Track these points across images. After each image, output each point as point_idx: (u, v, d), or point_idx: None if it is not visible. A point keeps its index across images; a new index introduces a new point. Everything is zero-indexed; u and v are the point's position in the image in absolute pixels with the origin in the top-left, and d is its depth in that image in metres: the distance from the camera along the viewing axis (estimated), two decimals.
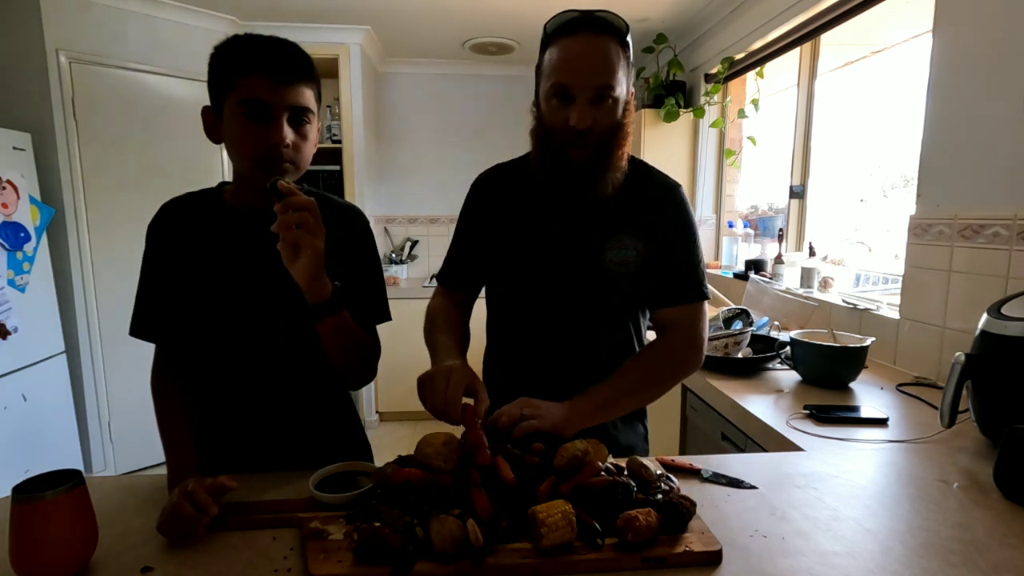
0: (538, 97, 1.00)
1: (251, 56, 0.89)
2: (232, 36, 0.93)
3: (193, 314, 0.99)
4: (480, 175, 1.18)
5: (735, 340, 1.76)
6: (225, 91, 0.90)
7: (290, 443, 1.04)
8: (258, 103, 0.88)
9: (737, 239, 3.22)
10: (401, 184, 4.20)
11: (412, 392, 2.85)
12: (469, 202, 1.16)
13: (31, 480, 0.68)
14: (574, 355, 1.10)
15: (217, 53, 0.92)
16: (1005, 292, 1.37)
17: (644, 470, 0.83)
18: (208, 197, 1.03)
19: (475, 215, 1.15)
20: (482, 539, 0.69)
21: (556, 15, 0.96)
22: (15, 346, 2.32)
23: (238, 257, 0.98)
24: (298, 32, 3.32)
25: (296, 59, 0.91)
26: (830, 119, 2.52)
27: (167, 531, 0.75)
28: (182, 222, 1.00)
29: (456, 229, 1.18)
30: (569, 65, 0.93)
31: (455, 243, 1.18)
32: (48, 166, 2.60)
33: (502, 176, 1.15)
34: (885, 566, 0.72)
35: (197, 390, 1.03)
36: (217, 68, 0.92)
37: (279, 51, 0.90)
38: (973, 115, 1.51)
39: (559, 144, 0.97)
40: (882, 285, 2.22)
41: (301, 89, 0.91)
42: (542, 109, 0.99)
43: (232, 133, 0.91)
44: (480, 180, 1.17)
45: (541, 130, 1.00)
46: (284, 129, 0.89)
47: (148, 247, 1.02)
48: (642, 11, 3.04)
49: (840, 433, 1.19)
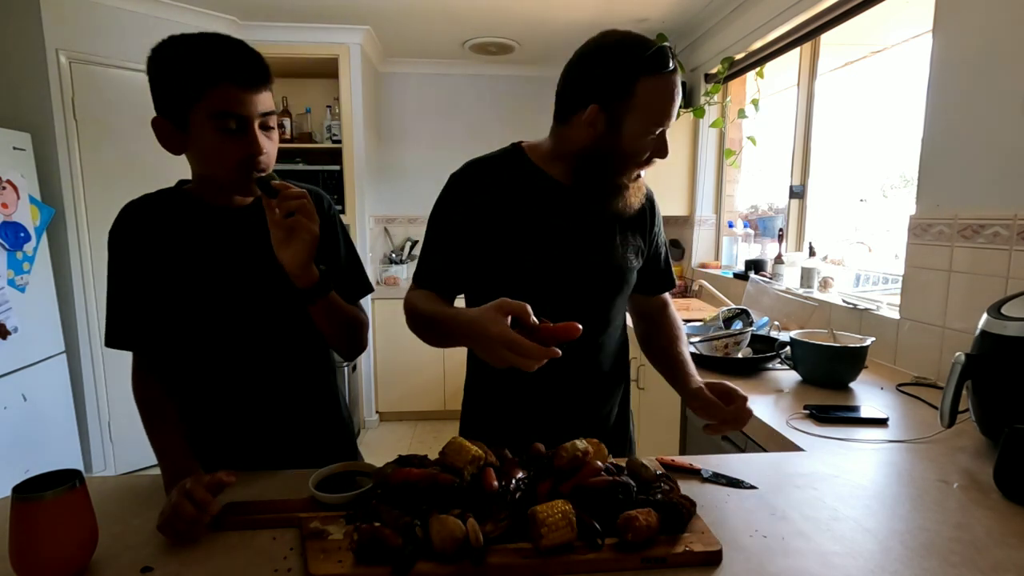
0: (618, 128, 0.97)
1: (216, 64, 0.86)
2: (173, 39, 0.88)
3: (177, 315, 0.98)
4: (463, 170, 1.09)
5: (735, 340, 1.76)
6: (191, 102, 0.86)
7: (277, 439, 1.05)
8: (231, 116, 0.87)
9: (737, 239, 3.23)
10: (401, 184, 4.20)
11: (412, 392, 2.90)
12: (452, 199, 1.07)
13: (31, 480, 0.68)
14: (584, 357, 1.10)
15: (171, 60, 0.87)
16: (1005, 292, 1.37)
17: (644, 470, 0.83)
18: (174, 196, 1.00)
19: (461, 212, 1.05)
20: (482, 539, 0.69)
21: (640, 44, 0.94)
22: (15, 346, 2.32)
23: (220, 254, 0.98)
24: (298, 32, 3.33)
25: (258, 62, 0.89)
26: (830, 119, 2.52)
27: (168, 531, 0.75)
28: (153, 223, 0.97)
29: (437, 228, 1.08)
30: (671, 104, 0.97)
31: (435, 243, 1.07)
32: (48, 166, 2.60)
33: (490, 172, 1.07)
34: (885, 566, 0.72)
35: (182, 390, 1.02)
36: (177, 78, 0.86)
37: (242, 56, 0.88)
38: (973, 115, 1.50)
39: (626, 168, 1.02)
40: (882, 285, 2.22)
41: (266, 93, 0.90)
42: (625, 136, 0.98)
43: (205, 146, 0.89)
44: (464, 176, 1.08)
45: (606, 153, 1.00)
46: (260, 139, 0.89)
47: (116, 254, 0.98)
48: (642, 11, 3.04)
49: (840, 433, 1.19)
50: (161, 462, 0.92)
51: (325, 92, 3.72)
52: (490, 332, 0.76)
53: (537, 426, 1.07)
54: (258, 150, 0.89)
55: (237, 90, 0.86)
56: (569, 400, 1.12)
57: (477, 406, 1.18)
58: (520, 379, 0.94)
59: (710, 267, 3.25)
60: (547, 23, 3.23)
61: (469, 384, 1.20)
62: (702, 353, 1.75)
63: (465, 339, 0.85)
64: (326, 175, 3.51)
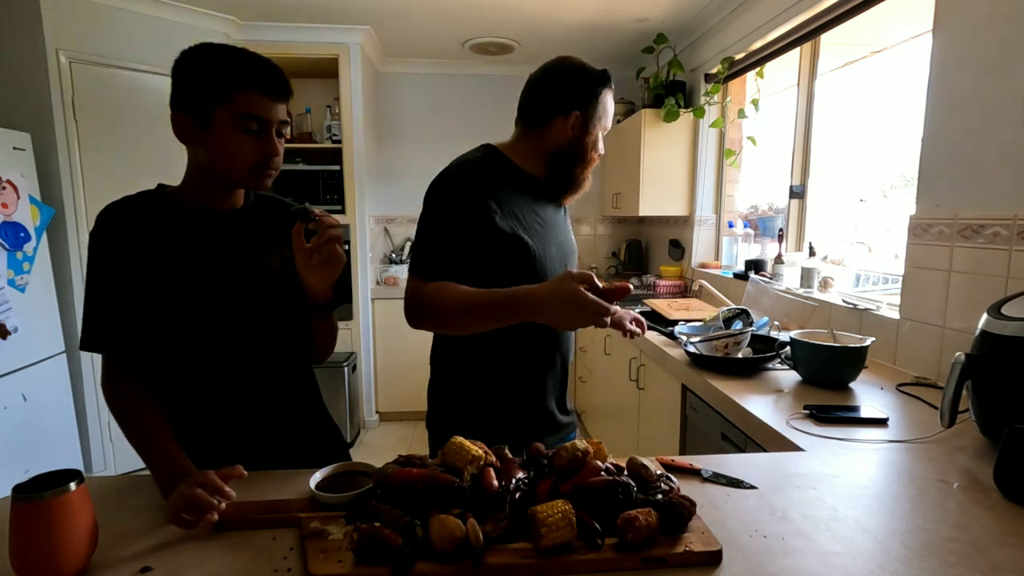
0: (588, 131, 1.20)
1: (248, 71, 0.94)
2: (206, 45, 0.96)
3: (160, 317, 0.98)
4: (457, 168, 1.15)
5: (735, 340, 1.76)
6: (218, 101, 0.93)
7: (262, 440, 1.05)
8: (256, 119, 0.94)
9: (737, 239, 3.23)
10: (401, 184, 4.20)
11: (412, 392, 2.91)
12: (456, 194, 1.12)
13: (31, 480, 0.68)
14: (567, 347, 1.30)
15: (205, 61, 0.94)
16: (1005, 292, 1.37)
17: (644, 470, 0.83)
18: (157, 199, 1.01)
19: (468, 205, 1.10)
20: (482, 539, 0.69)
21: (599, 68, 1.20)
22: (15, 346, 2.31)
23: (203, 256, 0.99)
24: (298, 32, 3.33)
25: (283, 78, 0.98)
26: (830, 119, 2.52)
27: (181, 520, 0.76)
28: (135, 226, 0.97)
29: (444, 222, 1.12)
30: (611, 113, 1.25)
31: (441, 236, 1.12)
32: (48, 166, 2.60)
33: (481, 169, 1.17)
34: (885, 566, 0.72)
35: (165, 392, 1.00)
36: (209, 77, 0.93)
37: (270, 69, 0.96)
38: (973, 115, 1.51)
39: (589, 164, 1.24)
40: (882, 285, 2.22)
41: (284, 105, 0.99)
42: (589, 141, 1.21)
43: (225, 143, 0.94)
44: (460, 173, 1.15)
45: (577, 151, 1.22)
46: (276, 143, 0.98)
47: (98, 256, 0.97)
48: (642, 11, 3.04)
49: (840, 433, 1.19)
50: (152, 464, 0.89)
51: (325, 92, 3.72)
52: (581, 297, 0.90)
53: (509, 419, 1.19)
54: (275, 151, 0.97)
55: (262, 97, 0.94)
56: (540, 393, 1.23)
57: (446, 406, 1.25)
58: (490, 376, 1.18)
59: (710, 267, 3.25)
60: (547, 23, 3.23)
61: (437, 387, 1.26)
62: (702, 353, 1.75)
63: (535, 309, 0.96)
64: (326, 175, 3.51)
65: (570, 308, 0.91)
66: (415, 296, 1.09)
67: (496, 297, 1.00)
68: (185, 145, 0.98)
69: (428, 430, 1.27)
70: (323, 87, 3.71)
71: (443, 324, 1.11)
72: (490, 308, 1.01)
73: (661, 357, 2.02)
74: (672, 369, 1.92)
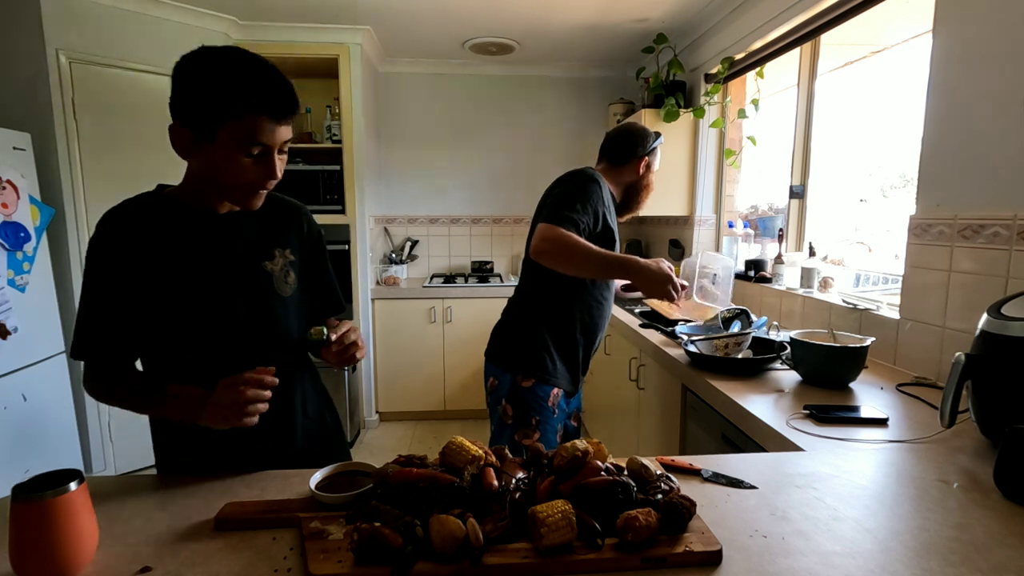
0: (650, 170, 1.80)
1: (261, 92, 0.89)
2: (207, 52, 0.91)
3: (161, 319, 0.98)
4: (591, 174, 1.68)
5: (736, 341, 1.76)
6: (226, 118, 0.88)
7: (263, 441, 1.05)
8: (261, 144, 0.92)
9: (737, 239, 3.22)
10: (401, 184, 4.20)
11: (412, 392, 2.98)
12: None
13: (31, 480, 0.68)
14: None
15: (211, 76, 0.89)
16: (1005, 292, 1.37)
17: (644, 470, 0.83)
18: (156, 202, 1.00)
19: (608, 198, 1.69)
20: (482, 539, 0.69)
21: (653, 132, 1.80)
22: (15, 346, 2.31)
23: (206, 257, 0.99)
24: (298, 32, 3.33)
25: (292, 96, 0.94)
26: (830, 119, 2.52)
27: (223, 415, 0.84)
28: (137, 231, 0.97)
29: (589, 196, 1.58)
30: None
31: (586, 208, 1.56)
32: (48, 166, 2.60)
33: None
34: (885, 566, 0.72)
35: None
36: (217, 93, 0.88)
37: (280, 89, 0.92)
38: (973, 115, 1.50)
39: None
40: (882, 285, 2.22)
41: (290, 124, 0.96)
42: (646, 182, 1.80)
43: (226, 161, 0.92)
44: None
45: (642, 187, 1.80)
46: (277, 166, 0.95)
47: (95, 266, 0.96)
48: (642, 11, 3.04)
49: (840, 433, 1.19)
50: (171, 407, 0.92)
51: (325, 92, 3.71)
52: (669, 275, 1.52)
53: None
54: (274, 175, 0.95)
55: (270, 122, 0.91)
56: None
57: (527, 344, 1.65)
58: (571, 328, 1.68)
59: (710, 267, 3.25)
60: (547, 23, 3.23)
61: (521, 329, 1.69)
62: (703, 352, 1.75)
63: (637, 274, 1.51)
64: (326, 175, 3.51)
65: (660, 279, 1.50)
66: (567, 235, 1.46)
67: (621, 257, 1.52)
68: (182, 157, 0.95)
69: (487, 359, 1.74)
70: (323, 87, 3.70)
71: (574, 262, 1.47)
72: (617, 264, 1.52)
73: (661, 357, 2.02)
74: (672, 369, 1.92)
